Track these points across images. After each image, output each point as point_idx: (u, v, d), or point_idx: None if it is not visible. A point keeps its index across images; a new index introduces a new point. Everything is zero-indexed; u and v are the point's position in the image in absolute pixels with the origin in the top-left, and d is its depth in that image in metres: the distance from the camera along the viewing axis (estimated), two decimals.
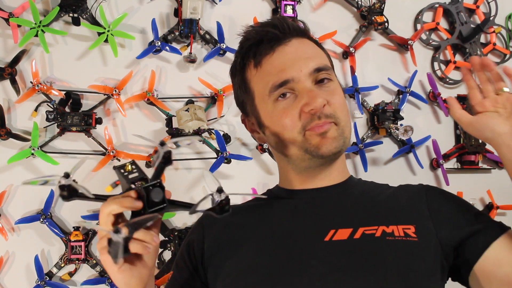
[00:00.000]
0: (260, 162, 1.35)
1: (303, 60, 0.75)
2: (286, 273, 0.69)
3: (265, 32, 0.77)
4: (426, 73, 1.46)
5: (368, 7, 1.41)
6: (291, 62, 0.75)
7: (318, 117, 0.73)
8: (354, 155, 1.41)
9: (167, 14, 1.33)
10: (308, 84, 0.74)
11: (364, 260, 0.68)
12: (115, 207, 0.59)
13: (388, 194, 0.80)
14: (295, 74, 0.74)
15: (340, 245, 0.70)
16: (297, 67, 0.75)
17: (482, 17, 1.49)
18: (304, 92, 0.74)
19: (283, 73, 0.75)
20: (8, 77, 1.22)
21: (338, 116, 0.75)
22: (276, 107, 0.76)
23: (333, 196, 0.78)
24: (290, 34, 0.77)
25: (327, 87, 0.76)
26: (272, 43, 0.77)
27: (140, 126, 1.30)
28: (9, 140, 1.21)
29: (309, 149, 0.75)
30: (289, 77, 0.74)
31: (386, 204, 0.76)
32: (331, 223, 0.73)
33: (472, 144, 1.43)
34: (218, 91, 1.29)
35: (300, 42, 0.78)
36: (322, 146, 0.74)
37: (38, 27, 1.21)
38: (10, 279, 1.21)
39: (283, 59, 0.76)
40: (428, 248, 0.71)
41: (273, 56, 0.76)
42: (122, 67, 1.29)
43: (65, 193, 0.59)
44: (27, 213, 1.22)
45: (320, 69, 0.75)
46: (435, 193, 0.79)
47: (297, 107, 0.74)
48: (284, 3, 1.34)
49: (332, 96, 0.75)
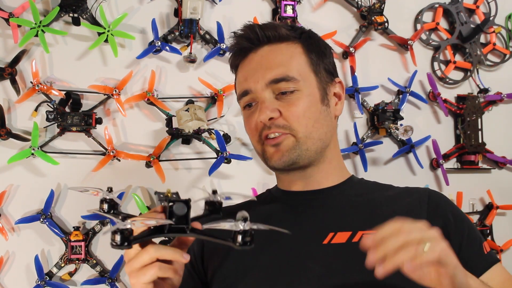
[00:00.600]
0: (260, 162, 1.34)
1: (262, 70, 0.77)
2: (284, 275, 0.69)
3: (237, 42, 0.82)
4: (426, 73, 1.46)
5: (368, 7, 1.41)
6: (251, 73, 0.78)
7: (268, 127, 0.76)
8: (354, 155, 1.41)
9: (167, 14, 1.33)
10: (264, 95, 0.76)
11: (362, 263, 0.68)
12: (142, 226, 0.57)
13: (389, 196, 0.79)
14: (252, 85, 0.77)
15: (339, 249, 0.70)
16: (255, 78, 0.77)
17: (482, 17, 1.49)
18: (259, 104, 0.77)
19: (245, 83, 0.78)
20: (8, 77, 1.22)
21: (293, 128, 0.75)
22: (244, 115, 0.82)
23: (331, 198, 0.78)
24: (260, 42, 0.79)
25: (286, 98, 0.76)
26: (244, 53, 0.81)
27: (140, 126, 1.30)
28: (9, 140, 1.21)
29: (265, 159, 0.79)
30: (247, 88, 0.78)
31: (386, 208, 0.76)
32: (330, 226, 0.73)
33: (472, 144, 1.43)
34: (218, 91, 1.29)
35: (270, 50, 0.79)
36: (272, 158, 0.77)
37: (38, 27, 1.21)
38: (10, 279, 1.21)
39: (247, 68, 0.80)
40: None
41: (243, 64, 0.81)
42: (122, 67, 1.29)
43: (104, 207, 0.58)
44: (27, 213, 1.22)
45: (278, 80, 0.75)
46: (437, 200, 0.78)
47: (255, 117, 0.77)
48: (284, 3, 1.34)
49: (288, 107, 0.75)
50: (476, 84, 1.50)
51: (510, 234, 1.45)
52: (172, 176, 1.27)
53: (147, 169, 1.27)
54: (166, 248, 0.58)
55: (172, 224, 0.56)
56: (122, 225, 0.53)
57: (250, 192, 1.30)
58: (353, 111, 1.42)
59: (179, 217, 0.56)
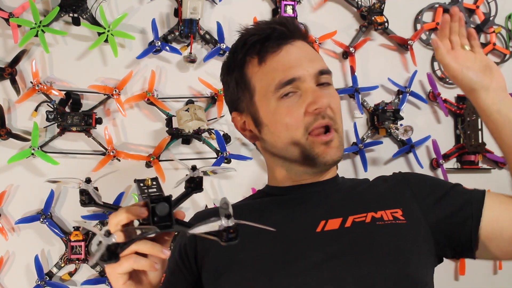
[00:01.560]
0: (260, 162, 1.35)
1: (308, 60, 0.76)
2: (282, 265, 0.70)
3: (271, 29, 0.77)
4: (426, 73, 1.46)
5: (368, 7, 1.41)
6: (298, 61, 0.76)
7: (322, 117, 0.74)
8: (354, 155, 1.41)
9: (167, 14, 1.33)
10: (312, 84, 0.75)
11: (356, 246, 0.69)
12: (122, 216, 0.57)
13: (368, 185, 0.82)
14: (302, 73, 0.74)
15: (332, 234, 0.71)
16: (304, 67, 0.75)
17: (482, 17, 1.49)
18: (309, 92, 0.74)
19: (290, 71, 0.75)
20: (8, 77, 1.22)
21: (336, 122, 0.76)
22: (280, 106, 0.75)
23: (321, 191, 0.80)
24: (295, 34, 0.78)
25: (327, 90, 0.76)
26: (279, 41, 0.76)
27: (140, 126, 1.30)
28: (9, 140, 1.21)
29: (312, 156, 0.75)
30: (296, 76, 0.74)
31: (371, 193, 0.79)
32: (321, 215, 0.74)
33: (472, 144, 1.43)
34: (218, 91, 1.29)
35: (303, 44, 0.79)
36: (326, 155, 0.75)
37: (38, 27, 1.21)
38: (10, 279, 1.21)
39: (289, 57, 0.76)
40: (417, 228, 0.72)
41: (280, 54, 0.76)
42: (122, 67, 1.29)
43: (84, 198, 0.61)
44: (27, 213, 1.22)
45: (323, 72, 0.76)
46: (412, 176, 0.82)
47: (302, 106, 0.74)
48: (284, 3, 1.34)
49: (333, 99, 0.76)
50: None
51: None
52: (172, 176, 1.27)
53: (147, 169, 1.27)
54: (145, 242, 0.58)
55: (157, 226, 0.56)
56: (106, 240, 0.52)
57: (250, 192, 1.31)
58: (353, 111, 1.42)
59: (164, 215, 0.57)
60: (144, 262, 0.58)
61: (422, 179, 0.81)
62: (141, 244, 0.58)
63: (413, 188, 0.77)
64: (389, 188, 0.79)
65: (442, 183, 0.81)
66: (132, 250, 0.57)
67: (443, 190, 0.77)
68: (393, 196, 0.77)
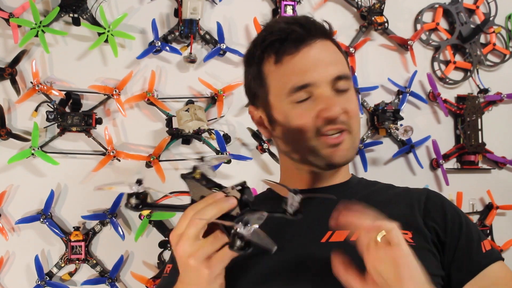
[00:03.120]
0: (260, 162, 1.35)
1: (325, 65, 0.74)
2: (282, 274, 0.69)
3: (291, 30, 0.75)
4: (426, 73, 1.46)
5: (368, 7, 1.41)
6: (313, 66, 0.74)
7: (333, 122, 0.73)
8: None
9: (167, 14, 1.33)
10: (327, 90, 0.74)
11: (360, 262, 0.68)
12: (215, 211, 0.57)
13: (388, 197, 0.80)
14: (317, 78, 0.73)
15: (336, 247, 0.70)
16: (319, 72, 0.74)
17: (482, 17, 1.49)
18: (323, 98, 0.73)
19: (305, 75, 0.73)
20: (8, 77, 1.22)
21: (351, 125, 0.75)
22: (293, 109, 0.75)
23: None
24: (315, 34, 0.76)
25: (345, 95, 0.75)
26: (297, 43, 0.75)
27: (140, 126, 1.30)
28: (9, 140, 1.21)
29: (319, 157, 0.75)
30: (310, 81, 0.73)
31: (385, 208, 0.76)
32: (328, 225, 0.73)
33: (472, 144, 1.43)
34: (218, 91, 1.29)
35: (324, 45, 0.77)
36: (334, 156, 0.75)
37: (38, 27, 1.21)
38: (10, 279, 1.21)
39: (305, 61, 0.75)
40: (425, 253, 0.71)
41: (297, 57, 0.75)
42: (122, 67, 1.29)
43: (134, 201, 0.56)
44: (27, 213, 1.22)
45: (341, 77, 0.75)
46: (435, 200, 0.78)
47: (314, 112, 0.73)
48: (284, 3, 1.34)
49: (349, 104, 0.75)
50: (476, 84, 1.49)
51: (510, 234, 1.45)
52: (172, 176, 1.27)
53: (147, 169, 1.27)
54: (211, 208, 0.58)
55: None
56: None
57: None
58: None
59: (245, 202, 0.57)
60: None
61: (444, 206, 0.78)
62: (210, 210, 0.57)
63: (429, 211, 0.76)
64: (407, 208, 0.77)
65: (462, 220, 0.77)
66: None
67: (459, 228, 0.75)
68: (407, 217, 0.74)
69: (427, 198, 0.78)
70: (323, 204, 0.77)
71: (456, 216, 0.77)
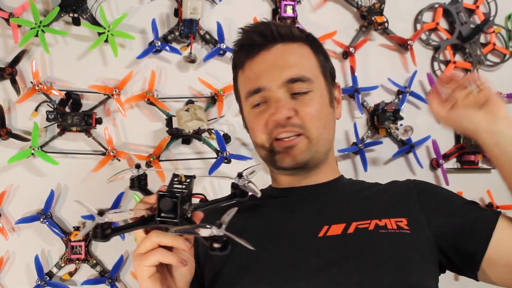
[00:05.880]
0: (260, 162, 1.34)
1: (279, 68, 0.76)
2: (282, 270, 0.70)
3: (249, 37, 0.80)
4: (426, 73, 1.46)
5: (368, 7, 1.41)
6: (266, 71, 0.77)
7: (282, 126, 0.75)
8: (354, 155, 1.41)
9: (167, 14, 1.34)
10: (279, 94, 0.76)
11: (358, 253, 0.69)
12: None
13: (378, 189, 0.81)
14: (267, 83, 0.76)
15: (334, 240, 0.71)
16: (270, 76, 0.76)
17: (482, 17, 1.49)
18: (273, 102, 0.76)
19: (257, 80, 0.77)
20: (8, 77, 1.22)
21: (308, 128, 0.76)
22: (251, 113, 0.80)
23: (324, 193, 0.80)
24: (274, 39, 0.78)
25: (301, 98, 0.76)
26: (255, 49, 0.78)
27: (140, 126, 1.30)
28: (9, 140, 1.21)
29: (272, 160, 0.78)
30: (261, 86, 0.76)
31: (378, 199, 0.78)
32: (323, 219, 0.74)
33: (472, 144, 1.43)
34: (218, 91, 1.29)
35: (284, 49, 0.78)
36: (284, 159, 0.77)
37: (38, 27, 1.21)
38: (10, 279, 1.21)
39: (260, 66, 0.78)
40: (421, 239, 0.72)
41: (253, 62, 0.79)
42: (122, 67, 1.29)
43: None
44: (27, 213, 1.22)
45: (295, 79, 0.76)
46: (424, 186, 0.81)
47: (266, 116, 0.76)
48: (284, 3, 1.34)
49: (303, 107, 0.76)
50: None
51: None
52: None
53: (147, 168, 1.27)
54: (166, 235, 0.59)
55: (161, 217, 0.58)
56: (99, 219, 0.56)
57: None
58: (353, 111, 1.42)
59: (169, 210, 0.58)
60: (171, 256, 0.59)
61: (434, 190, 0.80)
62: (162, 237, 0.59)
63: (422, 198, 0.77)
64: (398, 196, 0.78)
65: (454, 197, 0.79)
66: (155, 243, 0.59)
67: (454, 204, 0.76)
68: (400, 204, 0.76)
69: (414, 184, 0.81)
70: (316, 200, 0.78)
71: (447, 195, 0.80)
